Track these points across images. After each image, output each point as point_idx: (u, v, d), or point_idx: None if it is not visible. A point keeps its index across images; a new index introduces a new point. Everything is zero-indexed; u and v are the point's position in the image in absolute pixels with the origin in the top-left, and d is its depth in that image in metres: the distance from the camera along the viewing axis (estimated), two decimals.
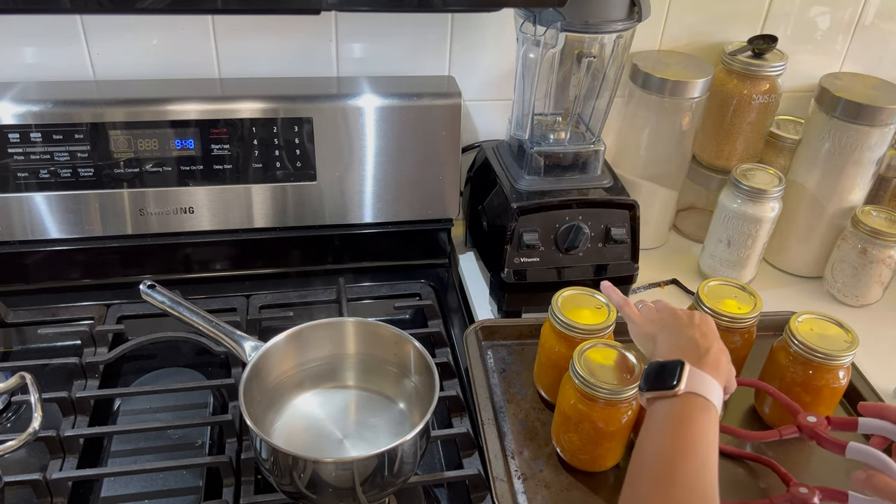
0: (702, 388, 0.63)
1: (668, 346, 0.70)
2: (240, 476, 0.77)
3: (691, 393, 0.63)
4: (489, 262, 1.01)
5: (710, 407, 0.63)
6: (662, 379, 0.65)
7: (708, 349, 0.68)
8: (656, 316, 0.75)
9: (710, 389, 0.64)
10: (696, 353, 0.67)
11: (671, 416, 0.63)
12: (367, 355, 0.82)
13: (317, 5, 0.74)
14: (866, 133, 1.00)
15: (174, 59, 0.98)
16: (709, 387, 0.64)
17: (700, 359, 0.66)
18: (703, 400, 0.63)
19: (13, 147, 0.91)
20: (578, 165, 0.98)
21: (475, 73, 1.08)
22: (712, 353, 0.68)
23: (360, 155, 0.99)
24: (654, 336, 0.73)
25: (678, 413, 0.63)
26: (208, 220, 1.00)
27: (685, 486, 0.58)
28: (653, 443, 0.63)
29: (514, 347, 0.95)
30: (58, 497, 0.75)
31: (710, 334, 0.71)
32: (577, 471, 0.79)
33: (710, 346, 0.68)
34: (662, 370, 0.65)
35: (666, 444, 0.61)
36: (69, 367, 0.88)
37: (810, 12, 1.12)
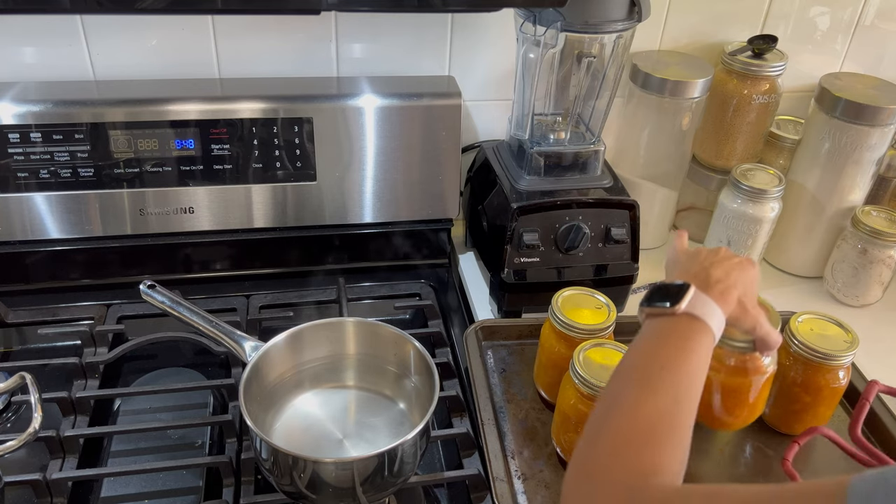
0: (702, 311, 0.62)
1: (684, 272, 0.70)
2: (240, 476, 0.77)
3: (690, 314, 0.62)
4: (489, 262, 1.01)
5: (706, 331, 0.62)
6: (664, 297, 0.64)
7: (720, 280, 0.66)
8: (694, 250, 0.74)
9: (710, 314, 0.63)
10: (707, 280, 0.66)
11: (663, 330, 0.62)
12: (367, 355, 0.82)
13: (317, 5, 0.74)
14: (866, 133, 1.00)
15: (174, 59, 0.99)
16: (710, 311, 0.63)
17: (708, 286, 0.65)
18: (701, 323, 0.62)
19: (13, 147, 0.91)
20: (578, 165, 0.98)
21: (475, 73, 1.08)
22: (723, 284, 0.66)
23: (360, 155, 0.99)
24: (677, 262, 0.73)
25: (671, 328, 0.62)
26: (208, 220, 1.00)
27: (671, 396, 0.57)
28: (641, 353, 0.62)
29: (514, 347, 0.95)
30: (58, 497, 0.75)
31: (733, 273, 0.68)
32: None
33: (724, 279, 0.67)
34: (666, 289, 0.65)
35: (655, 355, 0.60)
36: (69, 367, 0.88)
37: (810, 12, 1.12)
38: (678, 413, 0.56)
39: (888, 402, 0.86)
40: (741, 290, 0.67)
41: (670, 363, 0.59)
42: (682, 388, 0.58)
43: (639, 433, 0.54)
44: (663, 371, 0.58)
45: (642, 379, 0.58)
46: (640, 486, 0.51)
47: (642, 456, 0.53)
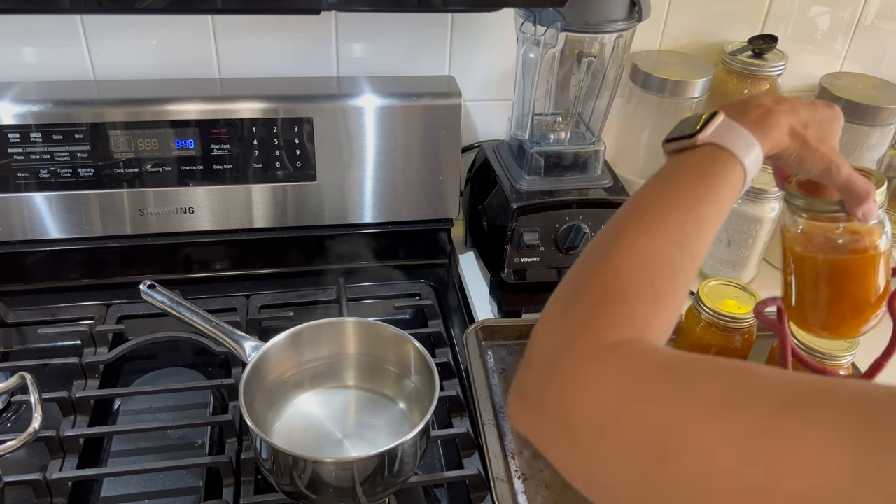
0: (729, 141, 0.52)
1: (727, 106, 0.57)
2: (240, 476, 0.77)
3: (717, 145, 0.52)
4: (489, 262, 1.01)
5: (733, 163, 0.51)
6: (687, 127, 0.55)
7: (759, 105, 0.55)
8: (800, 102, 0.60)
9: (739, 143, 0.52)
10: (743, 107, 0.55)
11: (681, 164, 0.53)
12: (367, 355, 0.82)
13: (317, 5, 0.74)
14: (866, 133, 1.00)
15: (174, 59, 0.99)
16: (740, 140, 0.52)
17: (743, 113, 0.54)
18: (727, 153, 0.51)
19: (13, 147, 0.91)
20: (578, 165, 0.98)
21: (475, 73, 1.08)
22: (764, 108, 0.55)
23: (360, 155, 0.99)
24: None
25: (689, 162, 0.52)
26: (208, 220, 1.00)
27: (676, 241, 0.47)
28: (651, 189, 0.52)
29: (514, 347, 0.95)
30: (58, 497, 0.75)
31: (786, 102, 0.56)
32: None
33: (767, 103, 0.55)
34: (691, 121, 0.55)
35: (666, 192, 0.51)
36: (69, 367, 0.88)
37: (810, 12, 1.12)
38: (681, 260, 0.47)
39: None
40: (796, 119, 0.55)
41: (681, 200, 0.49)
42: (691, 231, 0.48)
43: (631, 281, 0.45)
44: (672, 209, 0.49)
45: (643, 217, 0.49)
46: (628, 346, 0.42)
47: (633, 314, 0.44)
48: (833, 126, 0.57)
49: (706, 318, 0.83)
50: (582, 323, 0.44)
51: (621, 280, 0.46)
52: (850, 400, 0.34)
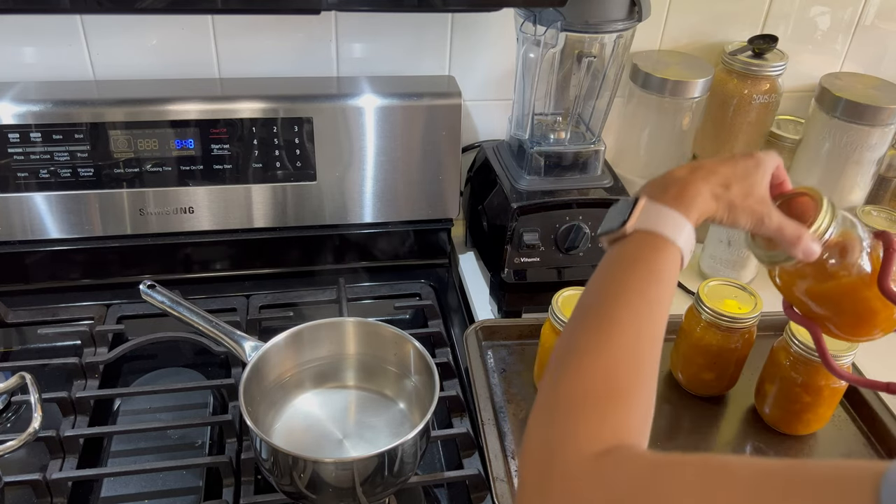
0: (657, 224, 0.54)
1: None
2: (240, 476, 0.77)
3: (647, 231, 0.54)
4: (489, 262, 1.01)
5: (666, 246, 0.53)
6: (613, 218, 0.56)
7: (678, 179, 0.56)
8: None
9: (666, 224, 0.54)
10: (662, 184, 0.57)
11: (621, 257, 0.54)
12: (367, 355, 0.82)
13: (317, 5, 0.74)
14: (866, 133, 1.00)
15: (174, 59, 0.98)
16: (665, 221, 0.54)
17: (664, 192, 0.56)
18: (658, 238, 0.53)
19: (13, 147, 0.91)
20: (578, 165, 0.98)
21: (475, 73, 1.08)
22: (681, 182, 0.56)
23: (360, 155, 0.99)
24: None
25: (629, 254, 0.54)
26: (208, 220, 1.00)
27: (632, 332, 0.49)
28: (596, 287, 0.54)
29: (514, 347, 0.95)
30: (58, 497, 0.75)
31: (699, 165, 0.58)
32: None
33: (683, 175, 0.57)
34: (617, 209, 0.57)
35: (610, 287, 0.52)
36: (69, 367, 0.88)
37: (810, 12, 1.12)
38: (640, 351, 0.49)
39: (888, 402, 0.86)
40: (716, 182, 0.56)
41: (627, 292, 0.51)
42: (643, 319, 0.50)
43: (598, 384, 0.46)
44: (621, 302, 0.50)
45: (596, 320, 0.50)
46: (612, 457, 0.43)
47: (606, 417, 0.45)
48: (756, 176, 0.58)
49: (706, 318, 0.83)
50: (561, 438, 0.45)
51: (588, 385, 0.47)
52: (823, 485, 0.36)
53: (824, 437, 0.84)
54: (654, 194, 0.56)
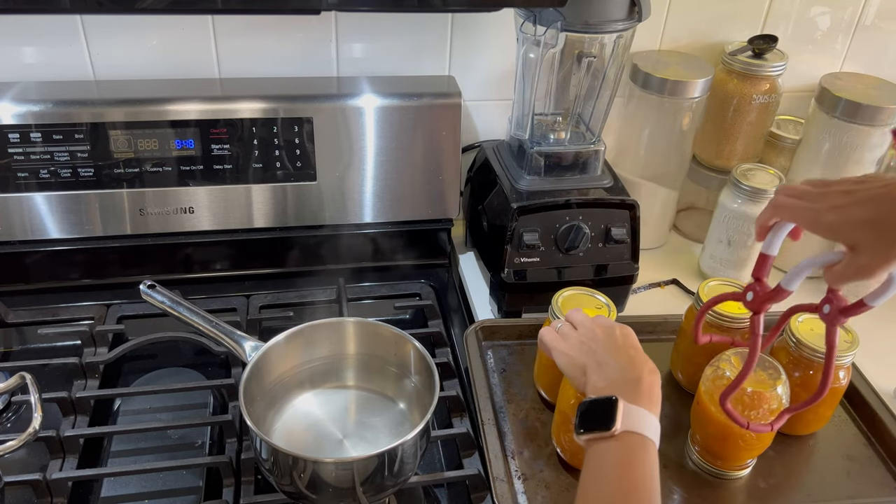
0: (638, 425, 0.62)
1: (599, 380, 0.67)
2: (240, 476, 0.77)
3: (628, 432, 0.61)
4: (489, 262, 1.01)
5: (648, 445, 0.62)
6: (597, 419, 0.63)
7: (639, 378, 0.66)
8: (578, 342, 0.72)
9: (646, 425, 0.62)
10: (628, 384, 0.65)
11: (611, 459, 0.61)
12: (367, 355, 0.82)
13: (317, 5, 0.74)
14: (866, 133, 1.00)
15: (174, 59, 0.98)
16: (644, 422, 0.62)
17: (633, 391, 0.65)
18: (642, 438, 0.61)
19: (13, 147, 0.91)
20: (578, 165, 0.98)
21: (475, 73, 1.08)
22: (644, 382, 0.66)
23: (360, 155, 0.99)
24: (583, 367, 0.70)
25: (618, 456, 0.61)
26: (208, 220, 1.00)
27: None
28: (595, 488, 0.61)
29: (514, 347, 0.95)
30: (58, 497, 0.75)
31: (638, 357, 0.69)
32: (577, 471, 0.78)
33: (640, 373, 0.67)
34: (596, 409, 0.64)
35: (609, 490, 0.60)
36: (69, 367, 0.88)
37: (810, 12, 1.12)
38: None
39: (888, 402, 0.86)
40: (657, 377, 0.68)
41: (622, 492, 0.58)
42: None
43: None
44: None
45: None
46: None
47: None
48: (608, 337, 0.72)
49: (706, 318, 0.83)
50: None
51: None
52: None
53: (824, 437, 0.84)
54: (626, 395, 0.64)
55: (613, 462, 0.61)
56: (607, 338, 0.71)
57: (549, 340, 0.74)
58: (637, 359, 0.69)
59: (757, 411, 0.72)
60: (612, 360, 0.68)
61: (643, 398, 0.64)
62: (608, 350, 0.70)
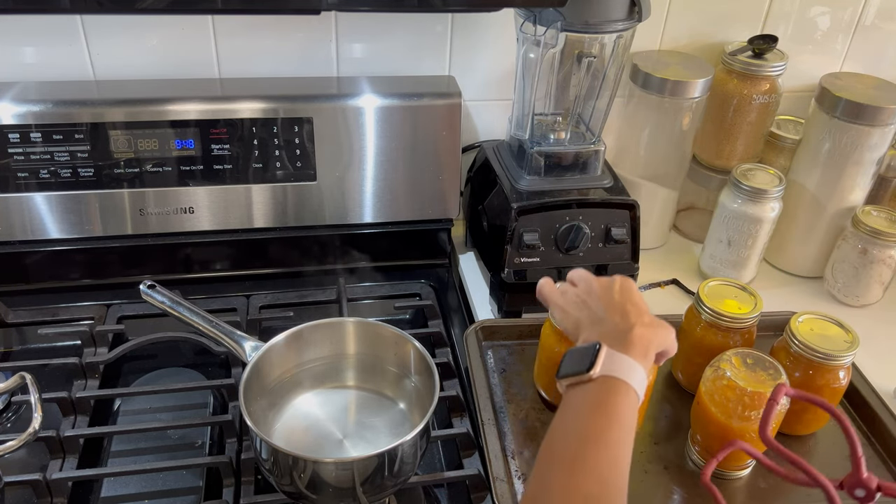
0: (619, 371, 0.60)
1: (591, 334, 0.66)
2: (240, 476, 0.77)
3: (608, 376, 0.60)
4: (489, 262, 1.01)
5: (627, 390, 0.60)
6: (578, 363, 0.62)
7: (629, 329, 0.64)
8: (575, 296, 0.72)
9: (628, 372, 0.60)
10: (619, 335, 0.64)
11: (585, 400, 0.60)
12: (367, 355, 0.82)
13: (317, 5, 0.74)
14: (867, 133, 1.00)
15: (174, 59, 0.98)
16: (627, 369, 0.60)
17: (622, 341, 0.63)
18: (621, 383, 0.60)
19: (13, 147, 0.91)
20: (578, 165, 0.98)
21: (475, 73, 1.08)
22: (634, 332, 0.64)
23: (360, 155, 0.99)
24: (577, 322, 0.69)
25: (593, 396, 0.59)
26: (208, 220, 1.00)
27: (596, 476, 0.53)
28: (564, 429, 0.59)
29: (514, 347, 0.95)
30: (58, 497, 0.75)
31: (633, 311, 0.67)
32: None
33: (632, 325, 0.65)
34: (579, 355, 0.63)
35: (578, 430, 0.57)
36: (69, 367, 0.88)
37: (810, 12, 1.12)
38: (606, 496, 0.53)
39: (888, 402, 0.86)
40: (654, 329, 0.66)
41: (591, 436, 0.56)
42: (608, 463, 0.55)
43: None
44: (585, 447, 0.55)
45: (563, 461, 0.55)
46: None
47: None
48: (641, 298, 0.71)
49: (706, 318, 0.83)
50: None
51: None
52: None
53: (824, 437, 0.84)
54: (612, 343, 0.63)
55: (587, 402, 0.59)
56: (604, 292, 0.70)
57: (546, 293, 0.74)
58: (633, 312, 0.67)
59: (757, 411, 0.72)
60: (607, 315, 0.67)
61: (632, 348, 0.62)
62: (604, 305, 0.68)
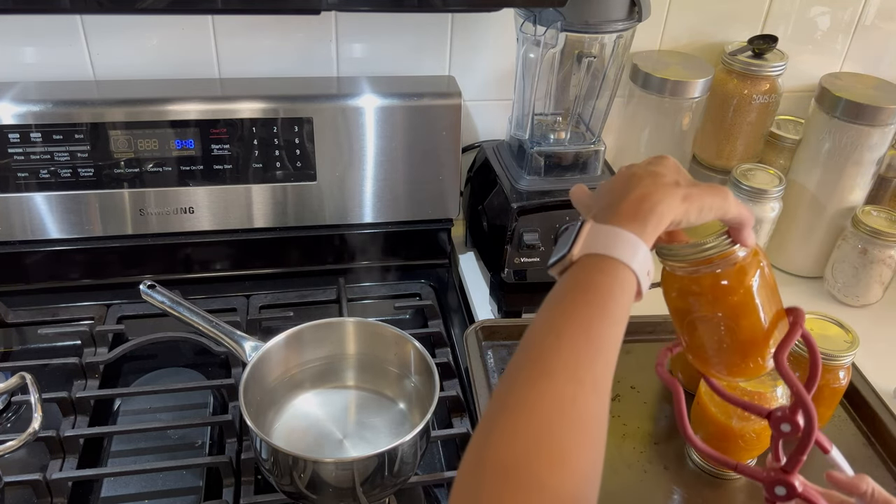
0: (605, 246, 0.49)
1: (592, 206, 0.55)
2: (240, 476, 0.77)
3: (591, 254, 0.49)
4: (489, 262, 1.01)
5: (616, 269, 0.48)
6: (562, 245, 0.51)
7: (626, 194, 0.51)
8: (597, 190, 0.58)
9: (615, 245, 0.48)
10: (613, 206, 0.51)
11: (564, 287, 0.49)
12: (367, 355, 0.82)
13: (317, 5, 0.74)
14: (867, 133, 1.00)
15: (174, 59, 0.98)
16: (614, 242, 0.49)
17: (614, 210, 0.51)
18: (609, 260, 0.48)
19: (13, 147, 0.91)
20: (578, 165, 0.98)
21: (475, 73, 1.08)
22: (631, 196, 0.51)
23: (360, 155, 0.99)
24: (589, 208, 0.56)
25: (571, 283, 0.49)
26: (208, 220, 1.00)
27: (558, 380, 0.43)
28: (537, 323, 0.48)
29: (514, 347, 0.93)
30: (58, 497, 0.75)
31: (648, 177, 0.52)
32: None
33: (632, 188, 0.52)
34: (566, 236, 0.52)
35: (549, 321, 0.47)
36: (69, 367, 0.88)
37: (810, 12, 1.12)
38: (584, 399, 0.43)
39: (888, 402, 0.86)
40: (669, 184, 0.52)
41: (569, 328, 0.46)
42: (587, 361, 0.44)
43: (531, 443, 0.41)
44: (562, 341, 0.45)
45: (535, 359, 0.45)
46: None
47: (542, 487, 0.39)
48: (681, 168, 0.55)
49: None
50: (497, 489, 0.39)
51: (521, 444, 0.41)
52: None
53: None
54: (603, 215, 0.51)
55: (562, 288, 0.49)
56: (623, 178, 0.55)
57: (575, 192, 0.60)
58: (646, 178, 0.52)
59: None
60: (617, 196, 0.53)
61: (623, 215, 0.50)
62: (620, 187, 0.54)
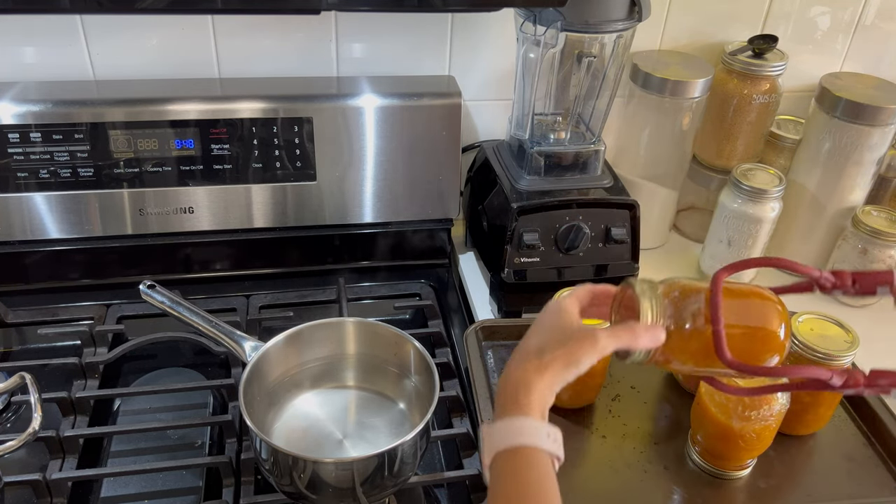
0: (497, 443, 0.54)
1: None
2: (240, 476, 0.77)
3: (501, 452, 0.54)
4: (489, 262, 1.01)
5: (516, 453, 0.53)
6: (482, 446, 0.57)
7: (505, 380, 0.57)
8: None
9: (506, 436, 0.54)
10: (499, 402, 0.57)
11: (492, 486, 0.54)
12: (367, 355, 0.82)
13: (317, 5, 0.74)
14: (867, 133, 1.00)
15: (174, 59, 0.98)
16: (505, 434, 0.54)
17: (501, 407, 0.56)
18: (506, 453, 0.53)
19: (13, 147, 0.91)
20: (578, 165, 0.98)
21: (475, 73, 1.08)
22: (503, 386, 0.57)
23: (360, 155, 0.99)
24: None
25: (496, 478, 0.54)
26: (208, 220, 1.00)
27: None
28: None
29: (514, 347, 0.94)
30: (58, 497, 0.75)
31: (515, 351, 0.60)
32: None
33: (505, 375, 0.58)
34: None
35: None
36: (69, 367, 0.88)
37: (810, 12, 1.12)
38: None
39: (889, 402, 0.86)
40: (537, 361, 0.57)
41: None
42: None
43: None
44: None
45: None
46: None
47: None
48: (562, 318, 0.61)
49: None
50: None
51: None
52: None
53: (824, 438, 0.84)
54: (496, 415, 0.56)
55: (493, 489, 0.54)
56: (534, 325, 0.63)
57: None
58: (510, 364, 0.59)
59: (757, 411, 0.72)
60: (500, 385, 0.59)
61: (503, 407, 0.55)
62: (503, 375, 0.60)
